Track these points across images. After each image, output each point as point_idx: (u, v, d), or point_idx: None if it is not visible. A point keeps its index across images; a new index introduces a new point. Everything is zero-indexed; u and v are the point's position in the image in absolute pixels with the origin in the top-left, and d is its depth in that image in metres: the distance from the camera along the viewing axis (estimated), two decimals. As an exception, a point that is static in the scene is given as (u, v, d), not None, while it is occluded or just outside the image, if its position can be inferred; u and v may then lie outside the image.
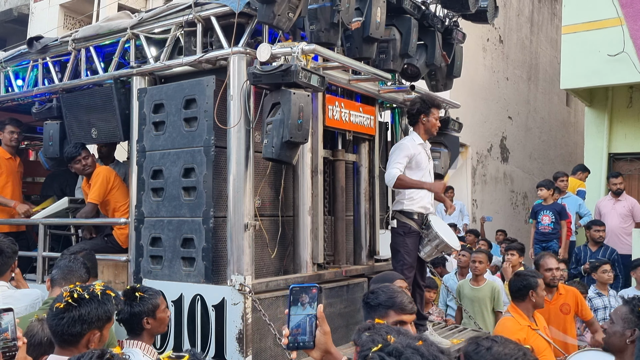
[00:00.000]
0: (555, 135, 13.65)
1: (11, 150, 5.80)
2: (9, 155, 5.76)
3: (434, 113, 4.65)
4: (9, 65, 5.54)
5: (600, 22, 8.15)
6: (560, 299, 4.73)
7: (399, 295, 2.60)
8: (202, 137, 3.98)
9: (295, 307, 1.86)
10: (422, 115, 4.61)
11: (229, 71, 3.90)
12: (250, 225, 3.84)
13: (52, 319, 2.38)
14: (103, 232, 5.10)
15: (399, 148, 4.58)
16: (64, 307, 2.35)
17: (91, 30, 4.80)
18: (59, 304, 2.38)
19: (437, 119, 4.70)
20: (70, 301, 2.37)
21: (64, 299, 2.38)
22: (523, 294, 4.07)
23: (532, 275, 4.15)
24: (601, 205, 7.89)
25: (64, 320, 2.33)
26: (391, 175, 4.44)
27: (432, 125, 4.66)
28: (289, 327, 1.87)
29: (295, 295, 1.86)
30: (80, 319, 2.34)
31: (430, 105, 4.63)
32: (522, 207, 12.08)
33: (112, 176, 4.98)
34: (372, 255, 5.05)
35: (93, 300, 2.40)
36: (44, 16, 15.56)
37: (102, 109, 4.68)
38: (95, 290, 2.45)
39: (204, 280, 3.90)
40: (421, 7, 4.71)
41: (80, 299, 2.38)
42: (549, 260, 4.76)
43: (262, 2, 3.58)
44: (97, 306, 2.40)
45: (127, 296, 3.01)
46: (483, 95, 10.89)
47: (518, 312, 4.05)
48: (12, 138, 5.74)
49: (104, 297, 2.44)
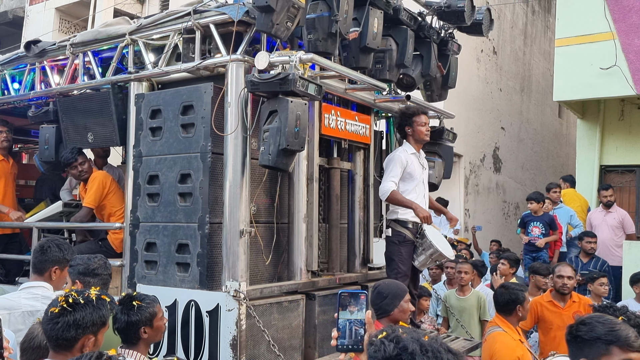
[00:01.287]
0: (547, 146, 13.76)
1: (3, 152, 5.76)
2: (1, 157, 5.72)
3: (416, 121, 4.74)
4: (5, 69, 5.54)
5: (593, 35, 8.25)
6: (574, 306, 4.84)
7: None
8: (199, 143, 4.00)
9: (343, 312, 1.95)
10: (406, 127, 4.74)
11: (227, 78, 3.93)
12: (245, 231, 3.86)
13: (46, 324, 2.38)
14: (98, 237, 5.10)
15: (392, 160, 4.68)
16: (59, 312, 2.35)
17: (90, 35, 4.83)
18: (53, 309, 2.37)
19: (423, 124, 4.77)
20: (65, 306, 2.37)
21: (59, 304, 2.38)
22: (510, 308, 4.04)
23: (520, 289, 4.12)
24: (592, 217, 7.96)
25: (58, 325, 2.33)
26: (385, 188, 4.57)
27: (419, 132, 4.74)
28: (338, 330, 1.94)
29: (344, 301, 1.96)
30: (74, 324, 2.34)
31: (411, 115, 4.73)
32: (514, 217, 12.14)
33: (108, 181, 4.99)
34: (365, 263, 5.08)
35: (88, 305, 2.40)
36: (39, 19, 15.55)
37: (99, 113, 4.69)
38: (90, 295, 2.45)
39: (198, 286, 3.91)
40: (417, 19, 4.77)
41: (75, 303, 2.38)
42: (564, 268, 4.89)
43: (261, 11, 3.62)
44: (91, 311, 2.39)
45: (124, 304, 2.96)
46: (476, 105, 10.98)
47: (508, 326, 4.02)
48: (1, 139, 5.69)
49: (98, 302, 2.44)
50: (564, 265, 4.99)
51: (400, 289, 3.51)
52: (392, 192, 4.54)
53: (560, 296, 4.86)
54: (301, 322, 4.22)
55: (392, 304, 3.39)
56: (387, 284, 3.56)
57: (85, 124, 4.82)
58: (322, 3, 3.84)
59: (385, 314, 3.40)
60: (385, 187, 4.58)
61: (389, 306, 3.39)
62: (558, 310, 4.80)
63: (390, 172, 4.62)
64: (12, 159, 5.93)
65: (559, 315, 4.75)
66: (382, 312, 3.41)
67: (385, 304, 3.39)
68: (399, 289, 3.48)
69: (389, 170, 4.65)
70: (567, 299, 4.86)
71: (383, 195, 4.61)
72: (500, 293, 4.15)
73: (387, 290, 3.44)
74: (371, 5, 4.17)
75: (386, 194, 4.56)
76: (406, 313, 3.43)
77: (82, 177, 5.05)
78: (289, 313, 4.12)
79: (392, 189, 4.54)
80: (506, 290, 4.11)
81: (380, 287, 3.47)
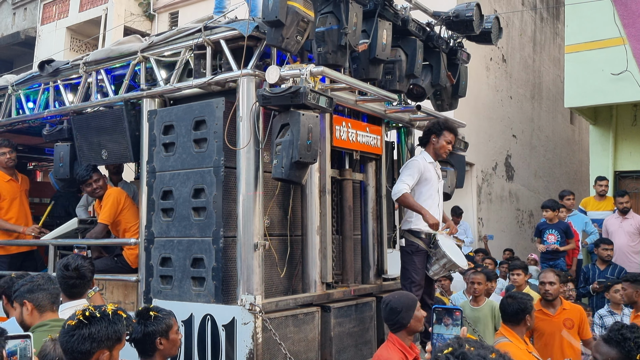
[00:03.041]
0: (560, 153, 13.67)
1: (10, 171, 5.78)
2: (8, 178, 5.75)
3: (445, 136, 4.74)
4: (20, 89, 5.63)
5: (603, 41, 8.22)
6: (564, 313, 4.76)
7: None
8: (211, 157, 4.03)
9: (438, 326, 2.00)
10: (432, 136, 4.73)
11: (239, 93, 3.96)
12: (259, 244, 3.86)
13: (63, 336, 2.41)
14: (113, 253, 5.13)
15: (410, 165, 4.71)
16: (75, 325, 2.39)
17: (102, 54, 4.89)
18: (71, 321, 2.41)
19: (449, 142, 4.77)
20: (81, 319, 2.40)
21: (76, 317, 2.42)
22: (519, 318, 4.00)
23: (528, 299, 4.07)
24: (608, 224, 7.87)
25: (74, 338, 2.37)
26: (398, 189, 4.57)
27: (442, 147, 4.75)
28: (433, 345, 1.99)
29: (439, 315, 2.00)
30: (90, 337, 2.37)
31: (444, 127, 4.74)
32: (528, 225, 12.05)
33: (122, 197, 5.03)
34: (380, 274, 5.06)
35: (103, 319, 2.43)
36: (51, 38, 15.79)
37: (113, 130, 4.74)
38: (107, 310, 2.48)
39: (214, 300, 3.92)
40: (426, 29, 4.79)
41: (91, 317, 2.41)
42: (546, 274, 4.83)
43: (271, 26, 3.65)
44: (107, 325, 2.42)
45: (141, 316, 3.01)
46: (487, 114, 10.95)
47: (514, 336, 3.98)
48: (6, 159, 5.72)
49: (114, 317, 2.47)
50: (547, 271, 4.93)
51: (411, 299, 3.52)
52: (404, 194, 4.52)
53: (549, 303, 4.75)
54: (317, 334, 4.21)
55: (407, 317, 3.39)
56: (397, 298, 3.54)
57: (99, 141, 4.87)
58: (331, 16, 3.87)
59: (402, 327, 3.40)
60: (398, 188, 4.57)
61: (404, 319, 3.39)
62: (548, 318, 4.72)
63: (406, 175, 4.62)
64: (21, 175, 5.95)
65: (550, 322, 4.66)
66: (399, 326, 3.41)
67: (401, 318, 3.39)
68: (409, 300, 3.49)
69: (405, 173, 4.66)
70: (556, 306, 4.76)
71: (395, 195, 4.60)
72: (508, 303, 4.10)
73: (399, 304, 3.43)
74: (380, 17, 4.20)
75: (398, 195, 4.55)
76: (421, 321, 3.43)
77: (97, 194, 5.10)
78: (304, 326, 4.11)
79: (405, 191, 4.53)
80: (514, 300, 4.07)
81: (392, 303, 3.47)
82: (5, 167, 5.74)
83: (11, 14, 17.56)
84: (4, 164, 5.73)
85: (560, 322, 4.71)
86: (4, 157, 5.72)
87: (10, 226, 5.59)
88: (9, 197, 5.69)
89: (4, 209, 5.64)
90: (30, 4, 16.97)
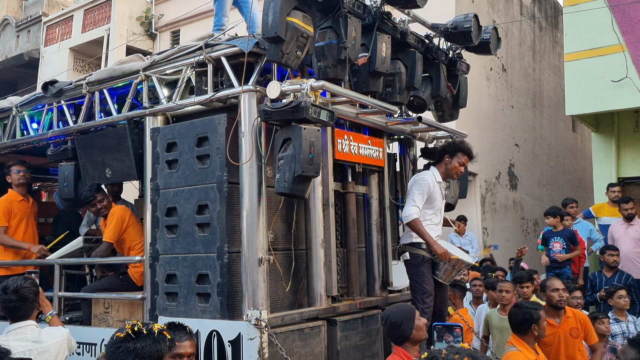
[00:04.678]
0: (563, 161, 13.67)
1: (22, 191, 5.83)
2: (20, 198, 5.80)
3: (459, 157, 4.77)
4: (24, 110, 5.68)
5: (602, 49, 8.25)
6: (569, 322, 4.68)
7: None
8: (214, 173, 4.05)
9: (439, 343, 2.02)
10: (446, 155, 4.76)
11: (240, 109, 3.99)
12: (264, 259, 3.87)
13: (109, 347, 2.51)
14: (118, 271, 5.14)
15: (420, 184, 4.66)
16: (123, 337, 2.48)
17: (105, 74, 4.94)
18: (119, 334, 2.51)
19: (462, 164, 4.79)
20: (130, 332, 2.49)
21: (125, 330, 2.52)
22: (525, 327, 3.98)
23: (534, 308, 4.03)
24: (613, 231, 7.84)
25: (120, 350, 2.46)
26: (409, 212, 4.58)
27: (453, 167, 4.78)
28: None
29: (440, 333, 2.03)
30: (134, 351, 2.45)
31: (459, 149, 4.75)
32: (533, 234, 12.01)
33: (127, 215, 5.05)
34: (385, 286, 5.05)
35: (149, 337, 2.51)
36: (54, 59, 15.96)
37: (116, 149, 4.78)
38: (153, 328, 2.56)
39: (219, 315, 3.92)
40: (425, 41, 4.82)
41: (139, 332, 2.51)
42: (554, 281, 4.75)
43: (271, 42, 3.69)
44: (151, 343, 2.49)
45: None
46: (489, 123, 10.98)
47: (523, 345, 3.96)
48: (19, 177, 5.74)
49: (159, 336, 2.55)
50: (553, 278, 4.87)
51: (409, 309, 3.53)
52: (415, 219, 4.55)
53: (555, 312, 4.67)
54: (323, 348, 4.20)
55: (408, 328, 3.39)
56: (394, 311, 3.54)
57: (103, 160, 4.90)
58: (330, 31, 3.91)
59: (405, 339, 3.39)
60: (408, 212, 4.58)
61: (406, 332, 3.39)
62: (554, 329, 4.59)
63: (415, 197, 4.61)
64: (32, 198, 6.02)
65: (555, 333, 4.57)
66: (402, 338, 3.40)
67: (402, 331, 3.39)
68: (407, 311, 3.49)
69: (414, 193, 4.64)
70: (561, 315, 4.68)
71: (406, 219, 4.61)
72: (514, 312, 4.09)
73: (399, 316, 3.44)
74: (378, 30, 4.23)
75: (409, 219, 4.57)
76: (422, 329, 3.42)
77: (102, 213, 5.13)
78: (310, 340, 4.10)
79: (416, 217, 4.55)
80: (519, 310, 4.06)
81: (391, 317, 3.47)
82: (18, 185, 5.79)
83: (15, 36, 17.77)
84: (16, 181, 5.77)
85: (567, 332, 4.65)
86: (18, 175, 5.75)
87: (17, 243, 5.64)
88: (19, 217, 5.74)
89: (12, 227, 5.69)
90: (33, 26, 17.18)
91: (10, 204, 5.68)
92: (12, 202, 5.72)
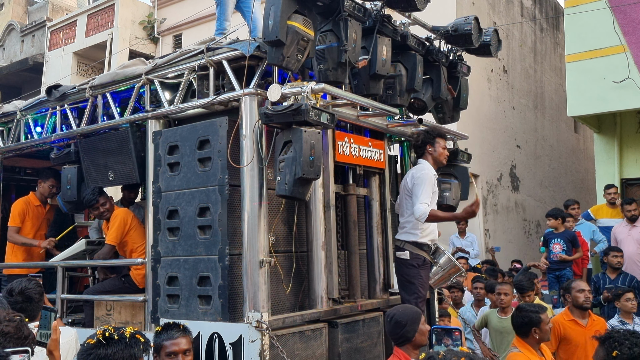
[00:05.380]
0: (565, 162, 13.65)
1: (43, 198, 5.98)
2: (38, 203, 5.95)
3: (439, 142, 4.73)
4: (28, 114, 5.72)
5: (604, 49, 8.26)
6: (595, 325, 4.75)
7: None
8: (216, 176, 4.07)
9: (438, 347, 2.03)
10: (427, 146, 4.71)
11: (241, 112, 4.01)
12: (265, 261, 3.89)
13: (81, 354, 2.47)
14: (120, 273, 5.17)
15: (425, 181, 4.51)
16: (94, 344, 2.44)
17: (108, 78, 4.97)
18: (90, 340, 2.47)
19: (445, 147, 4.77)
20: (100, 339, 2.45)
21: (96, 336, 2.47)
22: (526, 330, 4.00)
23: (535, 311, 4.04)
24: (617, 232, 7.83)
25: (91, 356, 2.42)
26: (421, 210, 4.38)
27: (440, 154, 4.72)
28: None
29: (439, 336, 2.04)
30: (105, 358, 2.41)
31: (435, 135, 4.73)
32: (536, 235, 12.00)
33: (129, 218, 5.07)
34: (386, 288, 5.05)
35: (120, 342, 2.46)
36: (58, 64, 16.05)
37: (119, 152, 4.80)
38: (125, 333, 2.52)
39: (220, 318, 3.94)
40: (425, 43, 4.84)
41: (110, 338, 2.46)
42: (580, 282, 4.86)
43: (272, 45, 3.71)
44: (123, 348, 2.45)
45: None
46: (490, 125, 10.98)
47: (526, 347, 3.98)
48: (50, 192, 5.93)
49: (131, 341, 2.50)
50: (578, 280, 4.97)
51: (416, 312, 3.54)
52: (430, 211, 4.39)
53: (582, 313, 4.77)
54: (325, 350, 4.21)
55: (412, 330, 3.39)
56: (402, 311, 3.55)
57: (106, 163, 4.93)
58: (331, 34, 3.93)
59: (407, 341, 3.40)
60: (421, 210, 4.38)
61: (409, 333, 3.39)
62: (581, 329, 4.71)
63: (423, 194, 4.45)
64: (49, 205, 6.10)
65: (582, 333, 4.65)
66: (403, 339, 3.41)
67: (406, 332, 3.40)
68: (414, 314, 3.50)
69: (421, 190, 4.46)
70: (587, 317, 4.79)
71: (421, 217, 4.39)
72: (515, 315, 4.12)
73: (405, 317, 3.44)
74: (379, 33, 4.25)
75: (424, 215, 4.37)
76: (425, 334, 3.44)
77: (104, 216, 5.17)
78: (312, 342, 4.11)
79: (429, 209, 4.39)
80: (520, 313, 4.08)
81: (397, 316, 3.48)
82: (44, 194, 5.96)
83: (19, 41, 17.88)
84: (46, 192, 5.94)
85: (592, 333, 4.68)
86: (50, 189, 5.92)
87: (27, 240, 5.77)
88: (32, 220, 5.87)
89: (26, 229, 5.83)
90: (37, 31, 17.28)
91: (27, 205, 5.86)
92: (29, 204, 5.87)
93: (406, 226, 4.67)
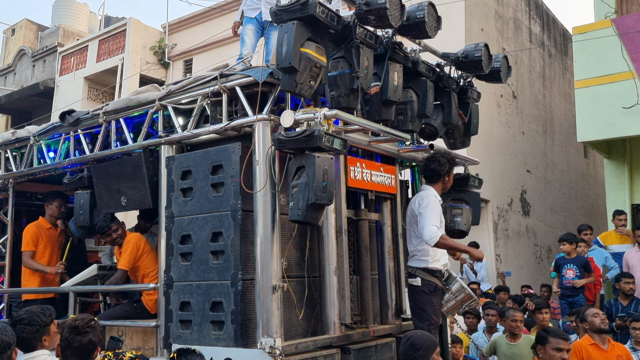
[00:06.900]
0: (575, 187, 13.60)
1: (52, 220, 6.03)
2: (49, 225, 5.99)
3: (452, 173, 4.91)
4: (41, 139, 5.78)
5: (612, 76, 8.30)
6: (616, 349, 4.81)
7: None
8: (229, 201, 4.08)
9: None
10: (445, 176, 4.77)
11: (254, 137, 4.04)
12: (278, 287, 3.87)
13: None
14: (132, 299, 5.16)
15: (432, 206, 4.56)
16: None
17: (121, 103, 5.03)
18: None
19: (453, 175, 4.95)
20: None
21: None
22: None
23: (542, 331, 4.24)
24: (628, 258, 7.76)
25: None
26: (432, 233, 4.40)
27: (449, 183, 4.90)
28: None
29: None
30: None
31: (452, 164, 4.84)
32: (547, 260, 11.90)
33: (142, 243, 5.09)
34: (399, 314, 5.02)
35: None
36: (69, 88, 16.24)
37: (132, 177, 4.83)
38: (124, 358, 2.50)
39: (233, 343, 3.91)
40: (436, 70, 4.88)
41: None
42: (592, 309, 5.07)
43: (285, 72, 3.75)
44: None
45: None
46: (500, 150, 10.99)
47: None
48: (59, 212, 6.00)
49: None
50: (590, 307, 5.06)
51: (433, 341, 3.52)
52: (441, 236, 4.41)
53: (601, 338, 4.87)
54: (337, 377, 4.17)
55: (424, 356, 3.37)
56: (419, 335, 3.55)
57: (119, 188, 4.95)
58: (343, 61, 3.98)
59: None
60: (431, 232, 4.40)
61: (422, 358, 3.36)
62: (603, 353, 4.78)
63: (431, 217, 4.48)
64: (60, 228, 6.15)
65: (605, 357, 4.73)
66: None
67: (418, 356, 3.38)
68: (431, 341, 3.48)
69: (429, 214, 4.49)
70: (606, 342, 4.87)
71: (431, 241, 4.40)
72: None
73: (421, 342, 3.43)
74: (390, 60, 4.29)
75: (435, 239, 4.38)
76: None
77: (117, 242, 5.20)
78: (324, 368, 4.07)
79: (440, 234, 4.41)
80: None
81: (413, 339, 3.47)
82: (53, 216, 6.02)
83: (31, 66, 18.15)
84: (54, 213, 5.99)
85: (614, 357, 4.74)
86: (58, 209, 5.98)
87: (40, 266, 5.78)
88: (44, 243, 5.90)
89: (38, 252, 5.86)
90: (49, 56, 17.55)
91: (39, 229, 5.89)
92: (40, 228, 5.90)
93: (416, 254, 4.70)
